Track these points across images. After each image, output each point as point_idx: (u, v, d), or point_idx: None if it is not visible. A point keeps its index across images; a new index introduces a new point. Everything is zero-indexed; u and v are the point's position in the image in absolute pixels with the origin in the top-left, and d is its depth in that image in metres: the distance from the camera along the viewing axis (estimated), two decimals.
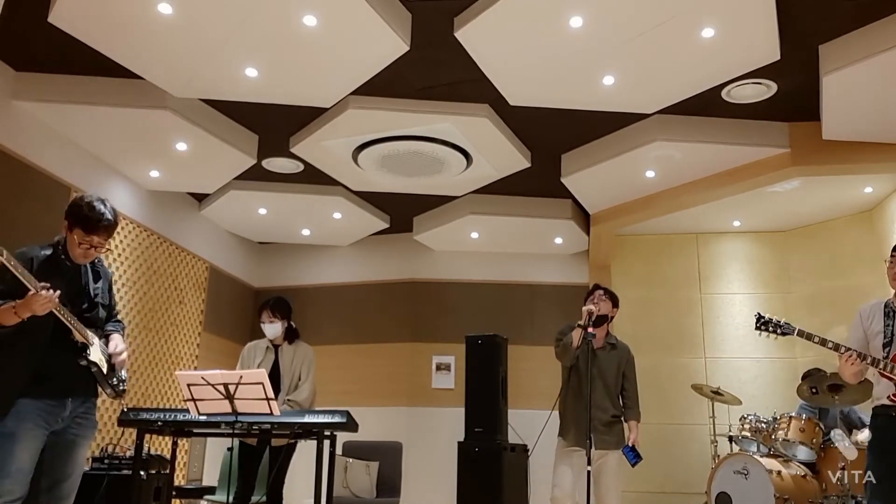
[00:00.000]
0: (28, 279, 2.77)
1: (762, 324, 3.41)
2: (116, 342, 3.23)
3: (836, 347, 3.25)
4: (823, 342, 3.24)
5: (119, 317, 3.40)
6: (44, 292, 2.78)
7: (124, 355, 3.22)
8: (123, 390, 3.22)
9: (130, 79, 4.94)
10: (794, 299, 7.27)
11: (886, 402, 3.24)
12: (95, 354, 3.07)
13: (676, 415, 7.16)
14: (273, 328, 4.50)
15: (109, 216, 3.03)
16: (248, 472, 4.44)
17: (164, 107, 5.07)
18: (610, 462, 4.24)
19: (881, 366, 3.18)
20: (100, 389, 3.17)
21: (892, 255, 3.24)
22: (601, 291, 4.39)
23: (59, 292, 2.83)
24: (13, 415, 2.82)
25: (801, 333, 3.31)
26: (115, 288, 5.90)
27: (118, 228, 5.96)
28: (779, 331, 3.38)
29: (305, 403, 4.44)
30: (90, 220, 2.97)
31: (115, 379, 3.17)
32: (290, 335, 4.59)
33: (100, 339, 3.15)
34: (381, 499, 5.93)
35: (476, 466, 6.34)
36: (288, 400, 4.40)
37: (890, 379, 3.20)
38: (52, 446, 2.92)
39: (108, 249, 3.12)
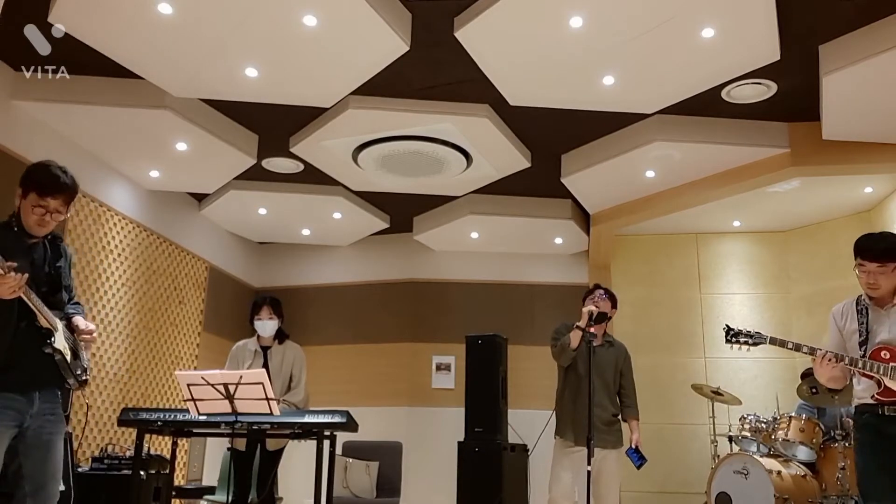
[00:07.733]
0: None
1: (732, 336, 3.35)
2: (82, 321, 2.94)
3: (812, 351, 3.18)
4: (798, 347, 3.19)
5: (77, 299, 3.08)
6: (12, 273, 2.47)
7: (95, 333, 2.97)
8: (86, 380, 2.92)
9: (130, 79, 4.93)
10: (793, 299, 7.27)
11: (870, 401, 3.12)
12: (60, 341, 2.77)
13: (676, 415, 7.16)
14: (272, 325, 4.52)
15: (67, 180, 2.81)
16: (242, 476, 4.44)
17: (163, 106, 5.07)
18: (609, 461, 4.25)
19: (859, 365, 3.08)
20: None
21: (858, 263, 3.13)
22: (602, 291, 4.42)
23: (27, 275, 2.55)
24: None
25: (773, 341, 3.26)
26: (114, 288, 5.99)
27: (118, 229, 6.06)
28: (750, 341, 3.32)
29: (301, 405, 4.45)
30: (45, 181, 2.75)
31: (78, 368, 2.88)
32: (280, 335, 4.60)
33: (61, 321, 2.86)
34: (381, 499, 5.93)
35: (476, 466, 6.34)
36: (283, 401, 4.38)
37: (871, 378, 3.09)
38: (29, 450, 2.71)
39: (64, 217, 2.85)
